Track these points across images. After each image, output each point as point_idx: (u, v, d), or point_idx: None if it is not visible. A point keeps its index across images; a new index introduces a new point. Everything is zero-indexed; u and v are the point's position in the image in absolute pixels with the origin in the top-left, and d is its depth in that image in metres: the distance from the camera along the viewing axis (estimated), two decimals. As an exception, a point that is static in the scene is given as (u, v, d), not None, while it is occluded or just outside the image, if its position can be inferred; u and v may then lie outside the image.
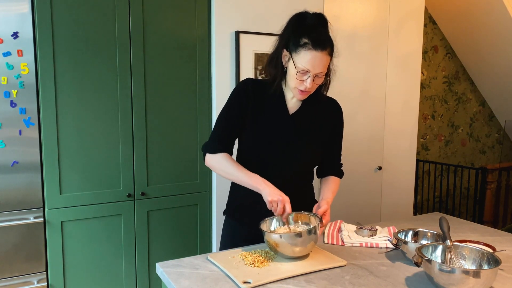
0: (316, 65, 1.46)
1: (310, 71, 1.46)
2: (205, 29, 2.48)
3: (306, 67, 1.46)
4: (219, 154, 1.59)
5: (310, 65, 1.45)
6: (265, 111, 1.60)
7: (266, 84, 1.62)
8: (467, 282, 1.18)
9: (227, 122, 1.61)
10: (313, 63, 1.45)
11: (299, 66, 1.46)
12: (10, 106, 2.05)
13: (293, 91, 1.55)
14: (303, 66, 1.46)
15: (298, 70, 1.47)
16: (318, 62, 1.45)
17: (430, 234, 1.60)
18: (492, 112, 5.05)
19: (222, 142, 1.60)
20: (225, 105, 1.63)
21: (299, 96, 1.55)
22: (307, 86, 1.48)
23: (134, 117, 2.33)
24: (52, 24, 2.09)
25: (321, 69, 1.47)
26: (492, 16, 3.94)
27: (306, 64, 1.46)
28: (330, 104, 1.69)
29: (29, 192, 2.13)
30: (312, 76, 1.47)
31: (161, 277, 1.43)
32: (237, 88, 1.62)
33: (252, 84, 1.60)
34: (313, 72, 1.46)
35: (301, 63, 1.46)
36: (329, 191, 1.66)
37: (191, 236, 2.57)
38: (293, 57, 1.49)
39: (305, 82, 1.48)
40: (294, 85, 1.52)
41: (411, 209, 3.40)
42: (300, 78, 1.48)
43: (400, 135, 3.26)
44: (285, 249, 1.42)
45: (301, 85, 1.49)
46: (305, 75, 1.47)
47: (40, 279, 2.19)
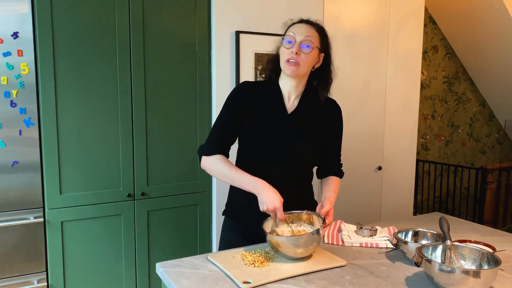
0: (300, 31, 1.53)
1: (294, 35, 1.52)
2: (205, 29, 2.48)
3: (290, 34, 1.53)
4: (214, 156, 1.58)
5: (294, 30, 1.53)
6: (263, 111, 1.60)
7: (264, 85, 1.64)
8: (467, 282, 1.18)
9: (223, 126, 1.62)
10: (296, 29, 1.54)
11: (285, 36, 1.55)
12: (10, 106, 2.05)
13: (283, 68, 1.57)
14: (288, 34, 1.54)
15: (284, 39, 1.54)
16: (301, 29, 1.54)
17: (430, 234, 1.60)
18: (492, 112, 5.05)
19: (218, 144, 1.60)
20: (222, 109, 1.64)
21: (287, 70, 1.55)
22: (293, 51, 1.51)
23: (134, 117, 2.33)
24: (52, 24, 2.09)
25: (304, 33, 1.52)
26: (492, 16, 3.94)
27: (290, 31, 1.54)
28: (330, 104, 1.69)
29: (29, 192, 2.13)
30: (298, 43, 1.52)
31: (161, 277, 1.43)
32: (233, 92, 1.64)
33: (249, 87, 1.62)
34: (298, 38, 1.52)
35: (287, 34, 1.55)
36: (332, 191, 1.66)
37: (191, 236, 2.57)
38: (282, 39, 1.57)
39: (291, 49, 1.52)
40: (283, 60, 1.55)
41: (411, 209, 3.40)
42: (286, 46, 1.53)
43: (400, 135, 3.26)
44: (288, 250, 1.42)
45: (288, 54, 1.53)
46: (291, 43, 1.53)
47: (40, 279, 2.19)
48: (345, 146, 2.88)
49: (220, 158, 1.58)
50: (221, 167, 1.57)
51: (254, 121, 1.60)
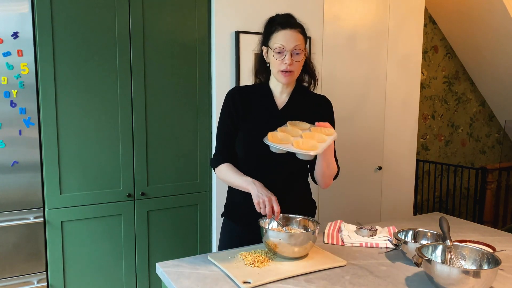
0: (289, 41, 1.54)
1: (284, 47, 1.53)
2: (205, 29, 2.48)
3: (280, 44, 1.54)
4: (221, 165, 1.65)
5: (283, 41, 1.54)
6: (254, 110, 1.64)
7: (254, 87, 1.70)
8: (467, 282, 1.18)
9: (222, 134, 1.69)
10: (284, 39, 1.54)
11: (274, 47, 1.55)
12: (10, 106, 2.05)
13: (277, 77, 1.59)
14: (277, 45, 1.54)
15: (275, 51, 1.54)
16: (289, 38, 1.54)
17: (430, 234, 1.60)
18: (492, 112, 5.05)
19: (223, 153, 1.67)
20: (219, 119, 1.70)
21: (283, 80, 1.58)
22: (287, 62, 1.53)
23: (134, 117, 2.33)
24: (52, 24, 2.09)
25: (294, 43, 1.54)
26: (492, 16, 3.94)
27: (279, 42, 1.54)
28: (319, 99, 1.73)
29: (29, 192, 2.13)
30: (289, 53, 1.53)
31: (161, 277, 1.43)
32: (225, 100, 1.69)
33: (238, 92, 1.67)
34: (288, 48, 1.53)
35: (275, 44, 1.55)
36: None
37: (191, 236, 2.57)
38: (269, 46, 1.58)
39: (283, 60, 1.54)
40: (276, 70, 1.57)
41: (411, 209, 3.40)
42: (278, 58, 1.55)
43: (400, 135, 3.25)
44: (284, 250, 1.42)
45: (281, 65, 1.55)
46: (282, 54, 1.54)
47: (40, 279, 2.19)
48: (345, 146, 2.89)
49: (226, 167, 1.64)
50: (225, 173, 1.64)
51: (246, 120, 1.64)
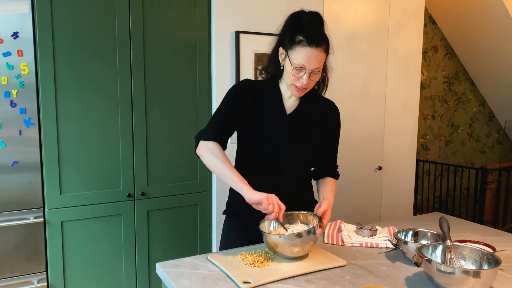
0: (311, 61, 1.47)
1: (305, 67, 1.47)
2: (205, 29, 2.48)
3: (301, 63, 1.47)
4: (213, 142, 1.54)
5: (305, 61, 1.46)
6: (262, 111, 1.60)
7: (264, 84, 1.63)
8: (467, 282, 1.18)
9: (223, 116, 1.59)
10: (308, 59, 1.46)
11: (295, 63, 1.48)
12: (10, 106, 2.05)
13: (290, 88, 1.55)
14: (298, 62, 1.47)
15: (294, 67, 1.48)
16: (313, 58, 1.46)
17: (430, 234, 1.60)
18: (492, 112, 5.05)
19: (217, 131, 1.57)
20: (222, 103, 1.62)
21: (296, 94, 1.55)
22: (303, 82, 1.49)
23: (134, 117, 2.33)
24: (52, 24, 2.09)
25: (316, 65, 1.48)
26: (492, 16, 3.94)
27: (301, 60, 1.47)
28: (328, 106, 1.70)
29: (29, 192, 2.13)
30: (308, 73, 1.48)
31: (161, 277, 1.43)
32: (235, 87, 1.62)
33: (250, 85, 1.61)
34: (309, 68, 1.47)
35: (296, 60, 1.47)
36: (330, 192, 1.66)
37: (191, 236, 2.57)
38: (288, 54, 1.50)
39: (301, 78, 1.49)
40: (290, 82, 1.52)
41: (411, 209, 3.40)
42: (296, 75, 1.49)
43: (400, 135, 3.26)
44: (285, 250, 1.42)
45: (297, 82, 1.50)
46: (300, 72, 1.49)
47: (40, 279, 2.19)
48: (345, 146, 2.90)
49: (217, 146, 1.54)
50: (216, 154, 1.52)
51: (253, 120, 1.60)
